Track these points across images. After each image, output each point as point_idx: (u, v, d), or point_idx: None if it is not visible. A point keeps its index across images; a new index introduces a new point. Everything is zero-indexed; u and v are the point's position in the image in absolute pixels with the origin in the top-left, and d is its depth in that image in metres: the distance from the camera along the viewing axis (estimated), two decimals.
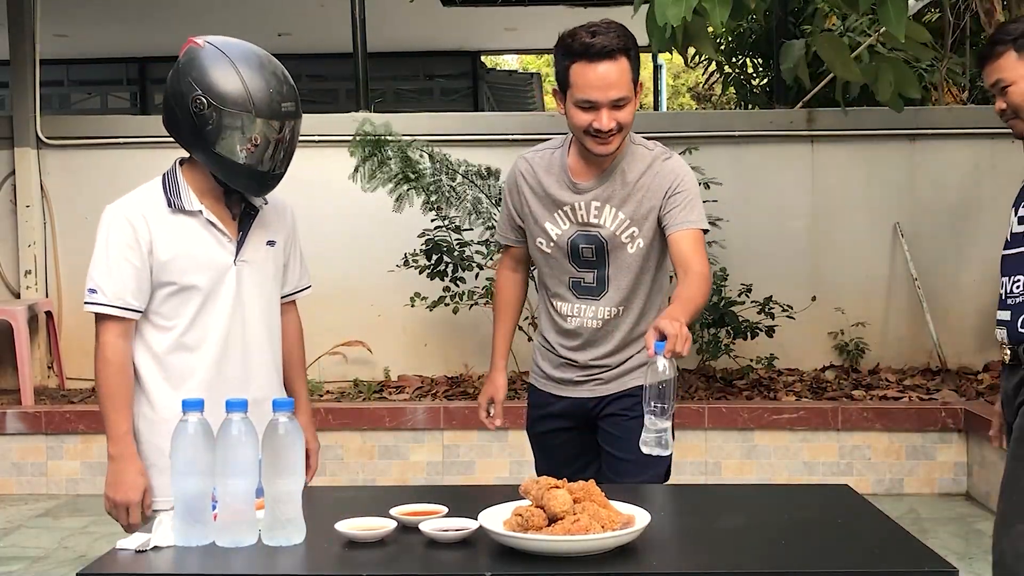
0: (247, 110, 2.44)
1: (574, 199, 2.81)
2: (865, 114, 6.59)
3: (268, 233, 2.66)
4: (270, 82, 2.46)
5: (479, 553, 1.99)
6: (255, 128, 2.45)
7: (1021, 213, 3.06)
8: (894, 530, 2.15)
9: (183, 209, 2.56)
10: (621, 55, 2.64)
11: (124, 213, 2.54)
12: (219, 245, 2.57)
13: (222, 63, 2.46)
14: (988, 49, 2.85)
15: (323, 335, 6.42)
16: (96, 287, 2.50)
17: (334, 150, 6.59)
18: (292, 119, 2.49)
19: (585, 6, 9.79)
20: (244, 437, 2.02)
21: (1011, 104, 2.86)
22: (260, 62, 2.49)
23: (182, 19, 10.21)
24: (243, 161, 2.47)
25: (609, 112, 2.65)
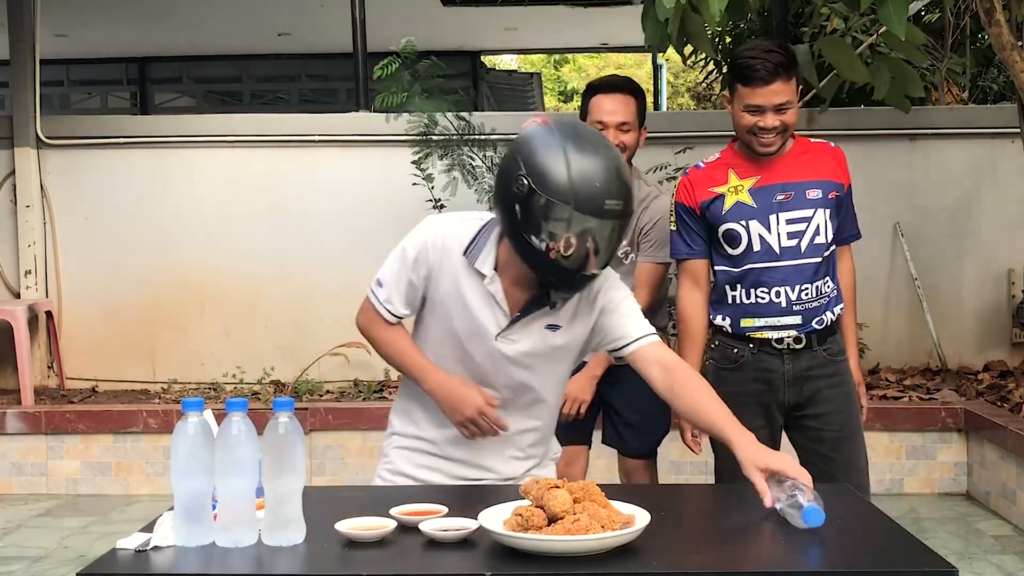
0: (566, 201, 2.23)
1: None
2: (865, 114, 6.59)
3: (553, 318, 2.48)
4: (598, 176, 2.24)
5: (479, 553, 1.99)
6: (571, 222, 2.24)
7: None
8: (894, 530, 2.15)
9: (474, 266, 2.45)
10: (628, 92, 3.49)
11: (430, 233, 2.49)
12: (491, 313, 2.46)
13: (555, 147, 2.27)
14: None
15: (323, 335, 6.43)
16: (382, 281, 2.54)
17: (334, 150, 6.60)
18: (616, 219, 2.26)
19: (585, 6, 9.80)
20: (244, 437, 2.02)
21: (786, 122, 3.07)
22: (596, 153, 2.28)
23: (182, 19, 10.22)
24: (552, 255, 2.28)
25: (616, 132, 3.42)
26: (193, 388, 6.51)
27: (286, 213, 6.57)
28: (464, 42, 11.59)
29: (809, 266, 3.08)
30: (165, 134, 6.65)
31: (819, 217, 3.11)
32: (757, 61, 2.99)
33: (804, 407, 3.16)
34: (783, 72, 2.99)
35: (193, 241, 6.58)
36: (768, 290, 3.07)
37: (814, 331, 3.11)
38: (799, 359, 3.11)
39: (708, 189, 3.12)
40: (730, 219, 3.09)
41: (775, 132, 3.04)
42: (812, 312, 3.10)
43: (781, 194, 3.08)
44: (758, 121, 3.02)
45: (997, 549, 4.64)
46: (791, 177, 3.11)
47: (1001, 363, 6.34)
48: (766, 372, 3.11)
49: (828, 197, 3.14)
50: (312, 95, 12.75)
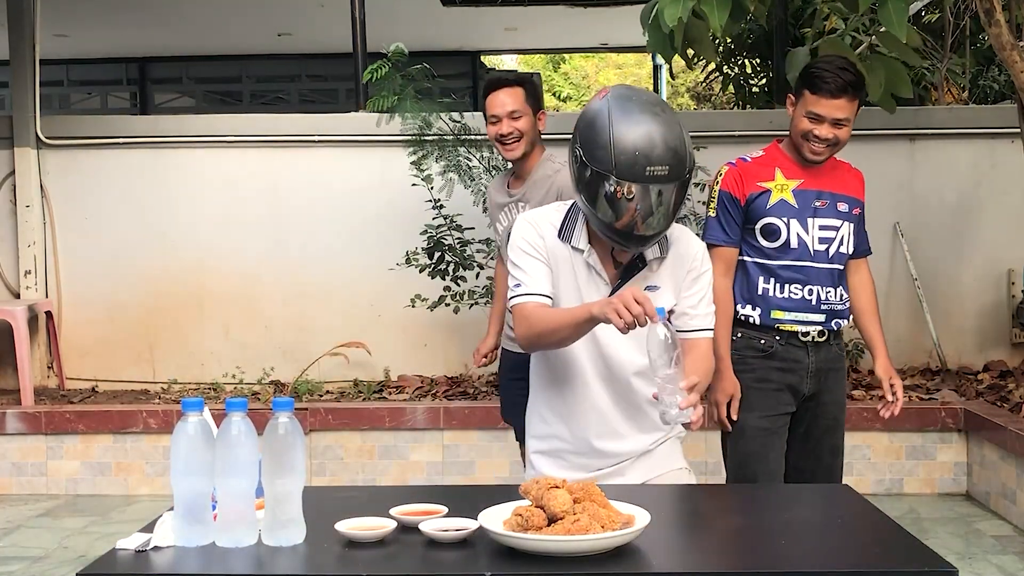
0: (608, 171, 2.39)
1: (507, 202, 3.89)
2: (865, 114, 6.55)
3: (653, 280, 2.59)
4: (639, 143, 2.37)
5: (479, 553, 1.99)
6: (615, 189, 2.39)
7: None
8: (894, 530, 2.15)
9: (570, 244, 2.59)
10: (516, 84, 3.80)
11: (526, 224, 2.63)
12: (594, 285, 2.58)
13: (601, 117, 2.44)
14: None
15: (323, 335, 6.43)
16: (519, 281, 2.60)
17: (334, 150, 6.60)
18: (660, 183, 2.39)
19: (585, 6, 9.80)
20: (244, 437, 2.02)
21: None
22: (639, 120, 2.40)
23: (182, 19, 10.22)
24: (605, 219, 2.45)
25: (508, 121, 3.74)
26: (193, 388, 6.51)
27: (286, 213, 6.57)
28: (464, 42, 11.59)
29: (834, 271, 3.32)
30: (165, 134, 6.65)
31: (845, 229, 3.33)
32: (829, 74, 3.19)
33: (814, 397, 3.38)
34: (850, 91, 3.20)
35: (193, 241, 6.58)
36: (802, 287, 3.28)
37: (833, 331, 3.37)
38: (820, 352, 3.34)
39: (757, 183, 3.29)
40: (773, 214, 3.26)
41: (827, 144, 3.25)
42: (834, 314, 3.34)
43: (818, 201, 3.30)
44: (814, 129, 3.22)
45: (997, 549, 4.64)
46: (828, 187, 3.33)
47: (1001, 363, 6.34)
48: (794, 363, 3.31)
49: (852, 212, 3.36)
50: (312, 95, 12.75)
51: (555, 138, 4.54)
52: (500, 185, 4.02)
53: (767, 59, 8.21)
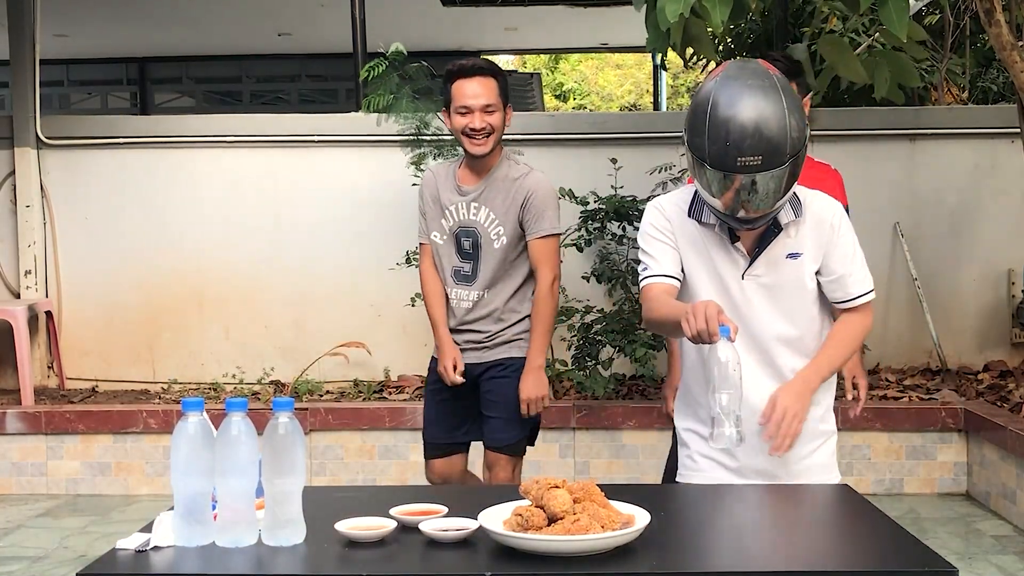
0: (703, 159, 2.41)
1: (459, 200, 3.64)
2: (865, 114, 6.59)
3: (793, 246, 2.58)
4: (732, 133, 2.36)
5: (479, 553, 1.99)
6: (711, 176, 2.42)
7: None
8: (894, 530, 2.15)
9: (700, 220, 2.60)
10: (488, 75, 3.56)
11: (654, 209, 2.68)
12: (730, 257, 2.58)
13: (703, 103, 2.42)
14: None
15: (323, 335, 6.43)
16: (646, 264, 2.64)
17: (334, 150, 6.60)
18: (752, 172, 2.37)
19: (585, 6, 9.80)
20: (244, 437, 2.02)
21: None
22: (737, 107, 2.38)
23: (182, 19, 10.23)
24: (711, 201, 2.48)
25: (481, 114, 3.52)
26: (193, 388, 6.51)
27: (286, 213, 6.56)
28: (464, 42, 11.59)
29: None
30: (165, 134, 6.65)
31: None
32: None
33: None
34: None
35: (193, 241, 6.58)
36: None
37: None
38: None
39: None
40: None
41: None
42: None
43: None
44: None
45: (997, 549, 4.64)
46: None
47: (1001, 363, 6.34)
48: None
49: None
50: (312, 95, 12.76)
51: (561, 138, 4.53)
52: (447, 178, 3.71)
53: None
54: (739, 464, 2.61)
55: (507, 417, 3.67)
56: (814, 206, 2.61)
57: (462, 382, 3.67)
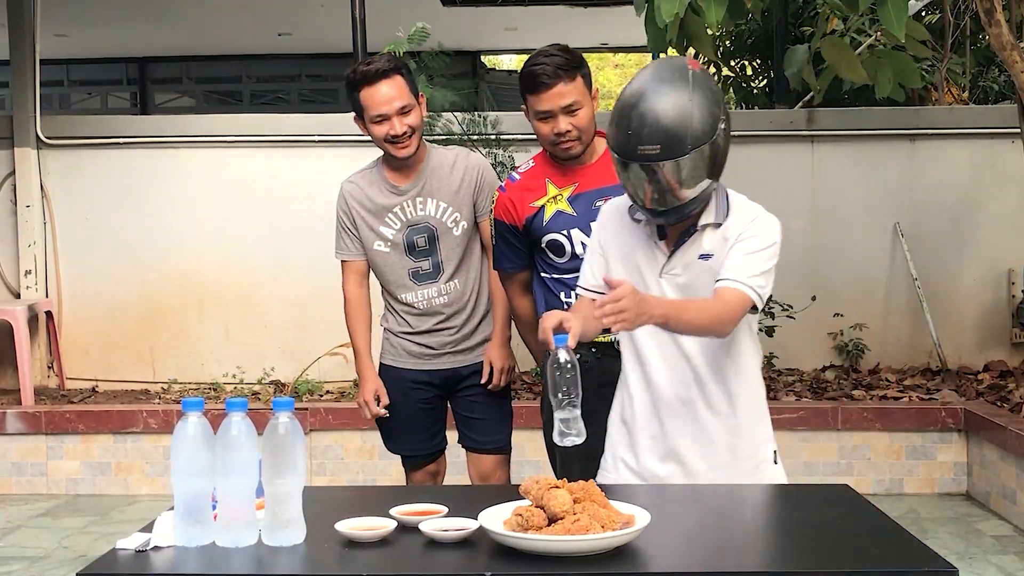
0: (612, 148, 2.47)
1: (398, 200, 3.45)
2: (865, 114, 6.59)
3: (705, 248, 2.56)
4: (632, 123, 2.40)
5: (479, 553, 1.99)
6: (619, 166, 2.47)
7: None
8: (894, 530, 2.15)
9: (633, 217, 2.61)
10: (394, 73, 3.33)
11: (606, 206, 2.73)
12: (652, 254, 2.59)
13: (618, 97, 2.49)
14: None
15: (323, 335, 6.42)
16: (582, 272, 2.71)
17: (334, 150, 6.60)
18: (652, 161, 2.39)
19: (585, 6, 9.80)
20: (244, 437, 2.02)
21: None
22: (640, 98, 2.42)
23: (182, 19, 10.22)
24: (628, 193, 2.51)
25: (399, 119, 3.31)
26: (193, 388, 6.51)
27: (286, 213, 6.56)
28: (464, 42, 11.58)
29: None
30: (165, 134, 6.65)
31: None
32: (537, 67, 3.02)
33: None
34: (563, 73, 3.01)
35: (193, 241, 6.58)
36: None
37: None
38: None
39: (529, 204, 3.12)
40: (553, 229, 3.09)
41: (572, 138, 3.05)
42: None
43: (600, 199, 3.00)
44: (553, 127, 3.04)
45: (997, 549, 4.64)
46: (608, 181, 3.03)
47: (1001, 363, 6.34)
48: (610, 375, 2.90)
49: None
50: (312, 95, 12.76)
51: None
52: (374, 184, 3.50)
53: (767, 60, 8.21)
54: (640, 468, 2.61)
55: (494, 417, 3.62)
56: (743, 214, 2.57)
57: (385, 415, 3.58)
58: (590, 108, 3.06)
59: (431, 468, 3.72)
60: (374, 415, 3.60)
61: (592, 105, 3.09)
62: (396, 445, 3.72)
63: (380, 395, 3.58)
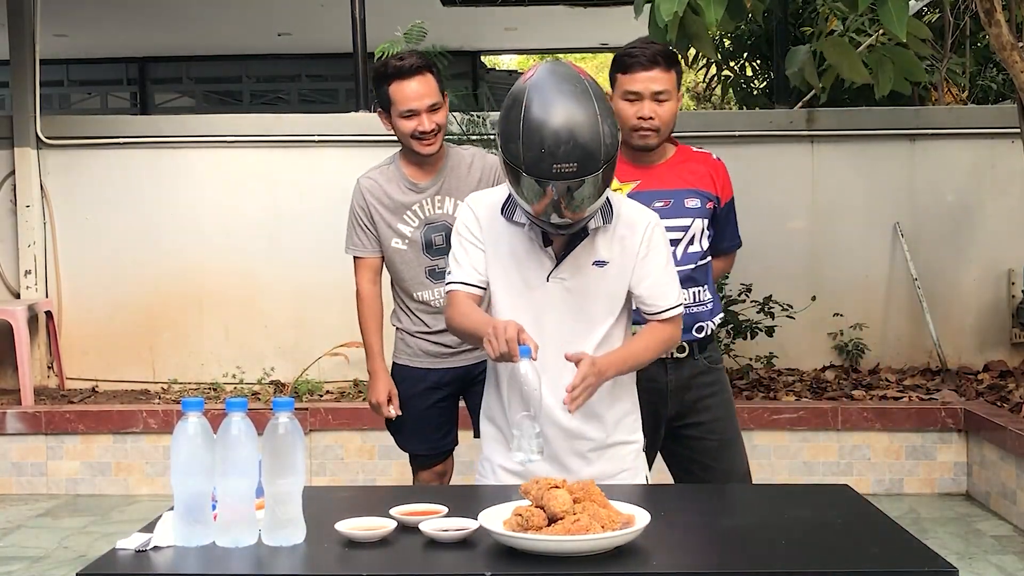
0: (518, 166, 2.38)
1: (417, 198, 3.44)
2: (865, 114, 6.59)
3: (600, 254, 2.57)
4: (546, 140, 2.34)
5: (479, 553, 1.99)
6: (526, 183, 2.39)
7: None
8: (894, 530, 2.15)
9: (512, 219, 2.58)
10: (426, 71, 3.35)
11: (469, 206, 2.66)
12: (538, 258, 2.57)
13: (516, 108, 2.40)
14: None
15: (323, 335, 6.42)
16: (451, 268, 2.64)
17: (334, 150, 6.60)
18: (567, 179, 2.35)
19: (585, 6, 9.80)
20: (244, 437, 2.02)
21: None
22: (551, 114, 2.35)
23: (182, 19, 10.22)
24: (524, 206, 2.46)
25: (429, 116, 3.33)
26: (193, 388, 6.51)
27: (286, 213, 6.56)
28: (464, 42, 11.58)
29: (684, 273, 3.03)
30: (165, 134, 6.65)
31: (697, 226, 3.10)
32: (637, 48, 3.03)
33: (685, 416, 3.13)
34: (663, 61, 3.01)
35: (193, 241, 6.57)
36: None
37: (695, 339, 3.10)
38: (681, 368, 3.10)
39: None
40: None
41: (652, 127, 3.03)
42: (691, 319, 3.06)
43: (660, 201, 3.03)
44: (636, 110, 3.02)
45: (997, 549, 4.64)
46: (672, 184, 3.08)
47: (1001, 363, 6.34)
48: (650, 383, 2.98)
49: (706, 207, 3.13)
50: (312, 95, 12.75)
51: None
52: (393, 180, 3.48)
53: (767, 60, 8.21)
54: (523, 470, 2.55)
55: None
56: (626, 214, 2.59)
57: (397, 415, 3.55)
58: (675, 106, 3.06)
59: (439, 468, 3.70)
60: (386, 416, 3.58)
61: (677, 105, 3.07)
62: (407, 443, 3.69)
63: (392, 396, 3.57)
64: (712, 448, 3.16)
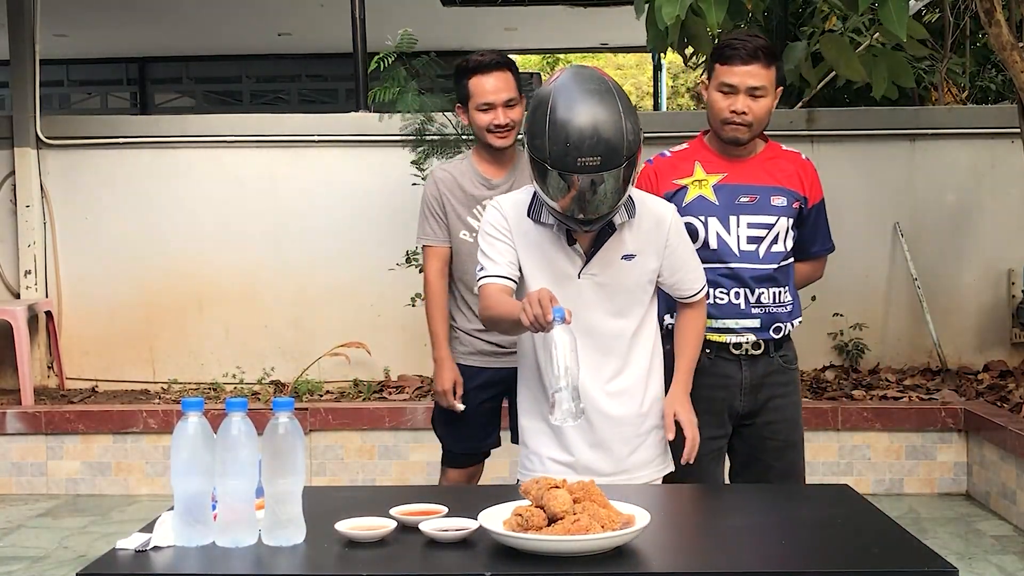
0: (544, 160, 2.48)
1: (489, 193, 3.44)
2: (865, 114, 6.59)
3: (626, 248, 2.67)
4: (572, 134, 2.44)
5: (479, 553, 1.99)
6: (552, 177, 2.48)
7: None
8: (894, 530, 2.15)
9: (539, 220, 2.65)
10: (505, 68, 3.44)
11: (495, 208, 2.74)
12: (567, 257, 2.65)
13: (542, 106, 2.50)
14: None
15: (323, 335, 6.43)
16: (483, 264, 2.71)
17: (334, 150, 6.60)
18: (591, 173, 2.44)
19: (585, 6, 9.80)
20: (244, 437, 2.02)
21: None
22: (576, 109, 2.46)
23: (182, 19, 10.23)
24: (550, 202, 2.54)
25: (504, 110, 3.40)
26: (193, 388, 6.51)
27: (286, 213, 6.56)
28: (464, 42, 11.57)
29: (766, 272, 3.03)
30: (165, 134, 6.65)
31: (781, 225, 3.06)
32: (738, 41, 2.99)
33: (755, 415, 3.12)
34: (762, 56, 2.96)
35: (193, 241, 6.57)
36: (727, 291, 3.02)
37: (771, 339, 3.09)
38: (756, 366, 3.08)
39: (672, 181, 3.06)
40: (690, 213, 3.01)
41: (744, 122, 2.98)
42: (771, 318, 3.07)
43: (746, 196, 3.02)
44: (729, 103, 2.98)
45: (997, 549, 4.64)
46: (759, 180, 3.06)
47: (1001, 363, 6.34)
48: (724, 378, 3.03)
49: (792, 207, 3.08)
50: (312, 95, 12.76)
51: None
52: (467, 173, 3.54)
53: None
54: (573, 460, 2.69)
55: None
56: (648, 207, 2.70)
57: (461, 408, 3.54)
58: (771, 103, 3.02)
59: (471, 470, 3.72)
60: (449, 406, 3.56)
61: (773, 102, 3.03)
62: (447, 438, 3.70)
63: (458, 385, 3.56)
64: (776, 448, 3.15)
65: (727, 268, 3.01)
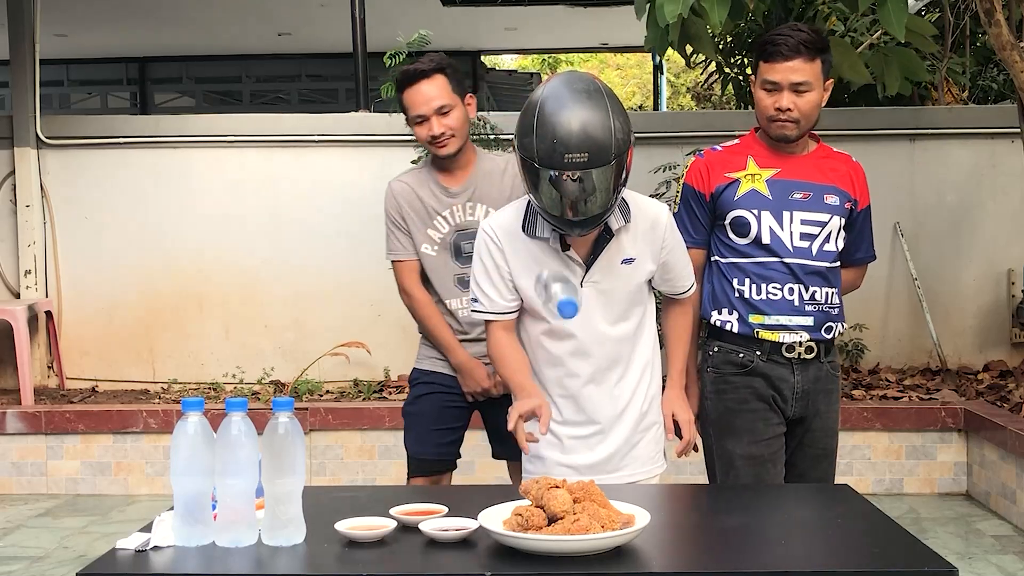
0: (532, 158, 2.48)
1: (449, 202, 3.34)
2: (865, 114, 6.59)
3: (625, 252, 2.68)
4: (558, 131, 2.43)
5: (479, 553, 1.99)
6: (540, 176, 2.47)
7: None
8: (894, 530, 2.15)
9: (534, 235, 2.65)
10: (435, 73, 3.27)
11: (486, 229, 2.73)
12: (569, 270, 2.64)
13: (531, 107, 2.51)
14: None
15: (323, 335, 6.43)
16: (476, 296, 2.74)
17: (334, 150, 6.60)
18: (579, 170, 2.43)
19: (585, 6, 9.80)
20: (244, 437, 2.02)
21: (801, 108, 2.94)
22: (563, 107, 2.46)
23: (182, 19, 10.22)
24: (539, 204, 2.53)
25: (438, 119, 3.24)
26: (193, 388, 6.51)
27: (286, 213, 6.57)
28: (464, 42, 11.59)
29: (819, 269, 2.96)
30: (165, 134, 6.65)
31: (833, 224, 2.99)
32: (780, 36, 2.90)
33: (799, 422, 3.06)
34: (805, 50, 2.87)
35: (193, 241, 6.58)
36: (782, 286, 2.94)
37: (823, 339, 2.99)
38: (807, 370, 2.99)
39: (724, 174, 2.99)
40: (742, 206, 2.95)
41: (790, 118, 2.92)
42: (824, 316, 2.98)
43: (799, 192, 2.97)
44: (773, 100, 2.92)
45: (997, 549, 4.64)
46: (812, 178, 3.00)
47: (1001, 363, 6.35)
48: (779, 381, 2.97)
49: (844, 207, 3.02)
50: (312, 95, 12.76)
51: None
52: (425, 184, 3.38)
53: None
54: (570, 459, 2.71)
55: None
56: (642, 209, 2.71)
57: (499, 394, 3.36)
58: (819, 96, 2.93)
59: (434, 479, 3.56)
60: (484, 396, 3.42)
61: (823, 94, 2.94)
62: (410, 439, 3.56)
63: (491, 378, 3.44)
64: (814, 456, 3.07)
65: (781, 263, 2.94)
